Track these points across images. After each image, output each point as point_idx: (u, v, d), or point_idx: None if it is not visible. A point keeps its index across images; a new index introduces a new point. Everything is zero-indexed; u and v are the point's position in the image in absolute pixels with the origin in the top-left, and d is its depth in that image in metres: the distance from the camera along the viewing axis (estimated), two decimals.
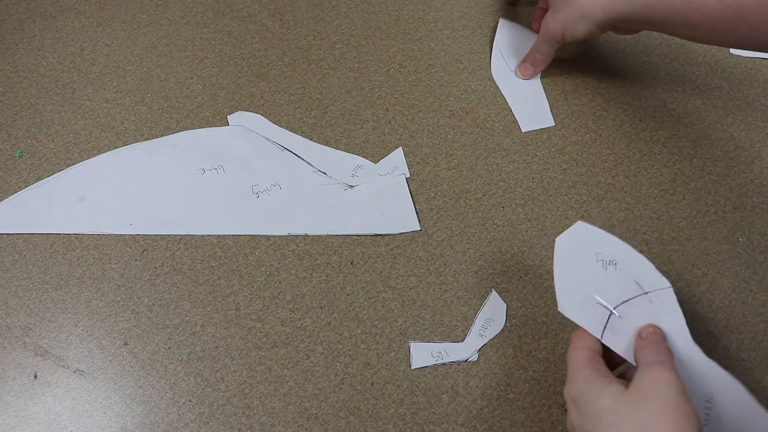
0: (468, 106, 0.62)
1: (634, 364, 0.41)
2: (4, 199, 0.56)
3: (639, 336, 0.41)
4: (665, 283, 0.42)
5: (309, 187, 0.57)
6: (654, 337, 0.41)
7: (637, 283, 0.42)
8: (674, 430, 0.34)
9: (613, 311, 0.42)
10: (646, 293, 0.42)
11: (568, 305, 0.43)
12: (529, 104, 0.62)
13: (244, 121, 0.61)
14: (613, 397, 0.37)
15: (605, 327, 0.42)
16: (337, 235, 0.55)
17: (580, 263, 0.43)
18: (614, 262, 0.43)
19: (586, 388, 0.38)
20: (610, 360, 0.43)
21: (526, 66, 0.63)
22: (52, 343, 0.50)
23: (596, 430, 0.36)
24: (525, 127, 0.61)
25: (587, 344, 0.42)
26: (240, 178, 0.57)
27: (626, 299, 0.42)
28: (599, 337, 0.42)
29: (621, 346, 0.42)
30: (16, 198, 0.56)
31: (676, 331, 0.41)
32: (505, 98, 0.63)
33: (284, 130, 0.60)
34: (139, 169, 0.58)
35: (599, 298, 0.43)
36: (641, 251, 0.54)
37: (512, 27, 0.67)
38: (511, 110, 0.62)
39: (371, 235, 0.55)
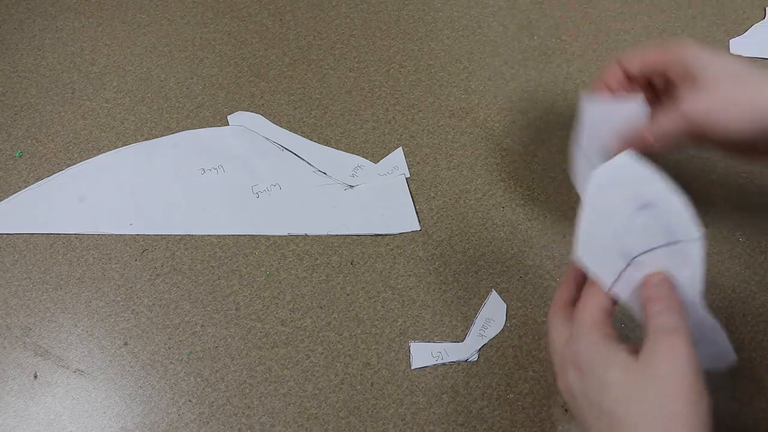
0: (468, 106, 0.62)
1: (640, 317, 0.37)
2: (4, 199, 0.56)
3: (646, 284, 0.37)
4: (695, 233, 0.36)
5: (309, 187, 0.57)
6: (662, 289, 0.36)
7: (665, 231, 0.37)
8: (686, 411, 0.32)
9: (632, 261, 0.37)
10: (672, 244, 0.37)
11: (586, 252, 0.38)
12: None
13: (244, 121, 0.61)
14: (622, 368, 0.34)
15: (617, 278, 0.38)
16: (337, 235, 0.55)
17: (612, 202, 0.38)
18: (650, 205, 0.37)
19: (594, 353, 0.35)
20: None
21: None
22: (52, 343, 0.50)
23: (602, 401, 0.33)
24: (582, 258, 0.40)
25: (599, 303, 0.37)
26: (240, 178, 0.57)
27: (649, 248, 0.37)
28: (607, 288, 0.38)
29: (630, 300, 0.38)
30: (16, 198, 0.56)
31: (689, 290, 0.37)
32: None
33: (284, 130, 0.60)
34: (139, 169, 0.58)
35: (622, 246, 0.38)
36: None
37: (600, 106, 0.44)
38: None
39: (371, 235, 0.55)
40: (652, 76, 0.44)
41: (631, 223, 0.37)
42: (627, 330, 0.50)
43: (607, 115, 0.41)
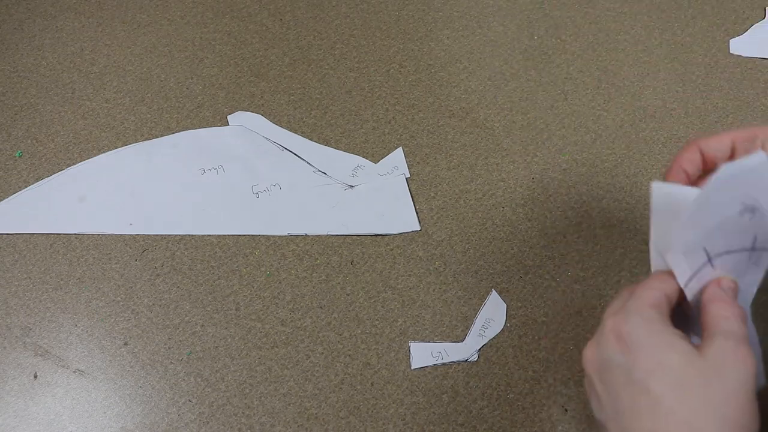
0: (468, 106, 0.62)
1: (700, 312, 0.34)
2: (4, 199, 0.56)
3: (718, 284, 0.35)
4: None
5: (309, 187, 0.57)
6: (731, 295, 0.34)
7: (755, 236, 0.35)
8: (741, 417, 0.30)
9: (711, 260, 0.36)
10: (752, 250, 0.36)
11: (676, 243, 0.36)
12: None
13: (244, 121, 0.61)
14: (684, 356, 0.31)
15: (695, 275, 0.36)
16: (337, 235, 0.55)
17: (724, 200, 0.35)
18: (754, 209, 0.35)
19: (649, 331, 0.32)
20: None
21: None
22: (52, 343, 0.50)
23: (650, 382, 0.31)
24: None
25: (663, 287, 0.34)
26: (240, 178, 0.57)
27: (731, 250, 0.36)
28: (682, 285, 0.36)
29: (694, 299, 0.36)
30: (16, 198, 0.56)
31: (745, 294, 0.36)
32: None
33: (284, 130, 0.60)
34: (139, 169, 0.58)
35: (708, 245, 0.36)
36: (641, 251, 0.54)
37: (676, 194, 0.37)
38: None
39: (371, 235, 0.55)
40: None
41: (729, 224, 0.35)
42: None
43: (683, 205, 0.37)
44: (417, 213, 0.56)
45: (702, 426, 0.29)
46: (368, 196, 0.57)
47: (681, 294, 0.36)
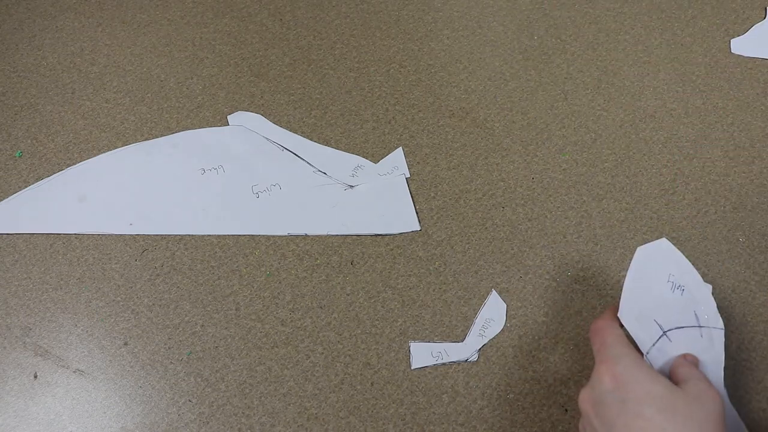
0: (468, 106, 0.62)
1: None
2: (4, 199, 0.56)
3: (684, 357, 0.42)
4: (720, 323, 0.43)
5: (309, 187, 0.57)
6: (695, 364, 0.42)
7: (696, 315, 0.43)
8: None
9: (666, 333, 0.43)
10: (701, 327, 0.43)
11: (627, 314, 0.43)
12: None
13: (244, 121, 0.61)
14: (668, 387, 0.37)
15: (654, 345, 0.43)
16: (337, 235, 0.55)
17: (651, 278, 0.44)
18: (682, 288, 0.43)
19: (637, 370, 0.38)
20: None
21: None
22: (52, 343, 0.50)
23: (643, 409, 0.36)
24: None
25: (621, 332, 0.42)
26: (240, 178, 0.57)
27: (681, 326, 0.43)
28: (644, 353, 0.43)
29: (659, 367, 0.43)
30: (16, 198, 0.56)
31: (712, 372, 0.42)
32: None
33: (284, 130, 0.60)
34: (139, 169, 0.58)
35: (657, 318, 0.43)
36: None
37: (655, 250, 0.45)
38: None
39: (371, 235, 0.55)
40: None
41: (666, 299, 0.43)
42: None
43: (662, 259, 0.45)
44: (417, 213, 0.56)
45: None
46: (368, 196, 0.57)
47: None
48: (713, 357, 0.42)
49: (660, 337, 0.43)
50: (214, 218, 0.55)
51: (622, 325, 0.43)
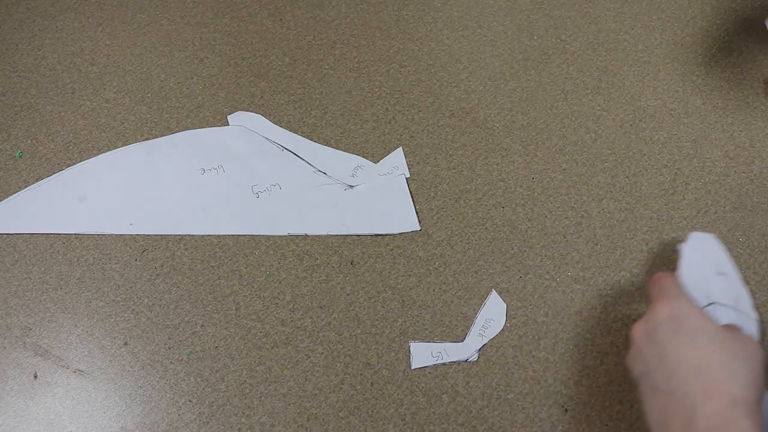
0: (468, 106, 0.62)
1: None
2: (4, 199, 0.56)
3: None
4: (755, 314, 0.49)
5: (309, 187, 0.57)
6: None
7: (736, 299, 0.49)
8: (759, 376, 0.38)
9: (711, 303, 0.49)
10: (739, 311, 0.49)
11: (685, 277, 0.49)
12: None
13: (244, 121, 0.61)
14: (719, 327, 0.40)
15: (703, 308, 0.47)
16: (337, 235, 0.55)
17: (703, 260, 0.51)
18: (725, 275, 0.51)
19: (693, 308, 0.41)
20: None
21: None
22: (52, 343, 0.50)
23: (698, 338, 0.39)
24: None
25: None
26: (240, 178, 0.57)
27: (723, 303, 0.49)
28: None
29: None
30: (16, 198, 0.56)
31: None
32: None
33: (284, 130, 0.60)
34: (139, 169, 0.58)
35: (705, 290, 0.49)
36: (641, 251, 0.54)
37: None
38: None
39: (371, 235, 0.55)
40: None
41: (712, 280, 0.50)
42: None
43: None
44: (417, 213, 0.56)
45: (737, 369, 0.38)
46: (368, 196, 0.57)
47: None
48: None
49: (709, 305, 0.48)
50: (214, 218, 0.55)
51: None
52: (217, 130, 0.60)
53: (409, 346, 0.50)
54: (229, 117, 0.61)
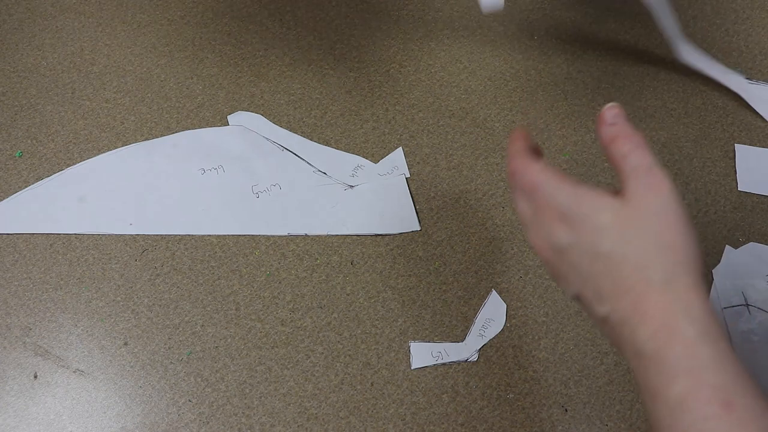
0: (468, 106, 0.62)
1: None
2: (4, 199, 0.56)
3: (603, 121, 0.36)
4: None
5: (309, 187, 0.57)
6: (623, 126, 0.35)
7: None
8: (682, 241, 0.32)
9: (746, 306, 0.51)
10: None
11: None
12: None
13: (244, 121, 0.61)
14: (613, 211, 0.33)
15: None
16: (337, 235, 0.55)
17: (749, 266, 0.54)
18: None
19: (577, 201, 0.34)
20: None
21: None
22: (52, 343, 0.50)
23: (598, 246, 0.33)
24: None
25: (540, 163, 0.36)
26: (240, 178, 0.57)
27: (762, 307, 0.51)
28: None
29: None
30: (16, 198, 0.56)
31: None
32: None
33: (284, 130, 0.60)
34: (139, 169, 0.58)
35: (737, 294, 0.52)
36: None
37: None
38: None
39: (371, 235, 0.55)
40: None
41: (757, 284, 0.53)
42: None
43: None
44: (417, 213, 0.56)
45: (651, 261, 0.32)
46: (368, 196, 0.57)
47: None
48: None
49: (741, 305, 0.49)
50: (214, 218, 0.55)
51: None
52: (217, 130, 0.60)
53: (409, 346, 0.50)
54: (229, 117, 0.61)
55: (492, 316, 0.51)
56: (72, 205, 0.56)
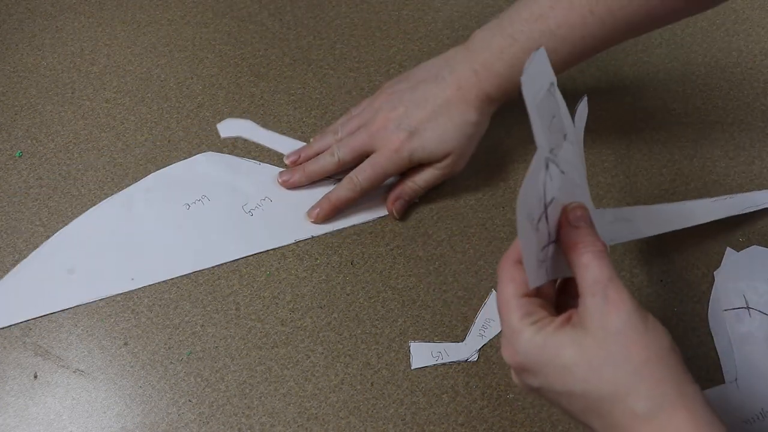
0: None
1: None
2: (4, 198, 0.56)
3: (567, 221, 0.36)
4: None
5: (302, 190, 0.56)
6: (586, 223, 0.36)
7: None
8: (654, 354, 0.32)
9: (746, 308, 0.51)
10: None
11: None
12: None
13: (234, 127, 0.59)
14: (574, 344, 0.33)
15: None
16: (337, 235, 0.55)
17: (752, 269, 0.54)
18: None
19: (537, 349, 0.34)
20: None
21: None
22: (52, 343, 0.50)
23: (570, 387, 0.33)
24: None
25: (515, 283, 0.36)
26: (228, 201, 0.56)
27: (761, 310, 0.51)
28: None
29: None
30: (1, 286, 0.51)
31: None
32: None
33: (278, 134, 0.60)
34: (120, 223, 0.54)
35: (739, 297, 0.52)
36: (640, 251, 0.54)
37: None
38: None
39: (371, 234, 0.55)
40: None
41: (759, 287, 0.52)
42: None
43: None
44: (417, 213, 0.56)
45: (629, 388, 0.31)
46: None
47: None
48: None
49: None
50: (215, 248, 0.54)
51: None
52: (185, 163, 0.58)
53: (409, 346, 0.50)
54: (218, 125, 0.60)
55: (492, 316, 0.51)
56: (63, 279, 0.52)
